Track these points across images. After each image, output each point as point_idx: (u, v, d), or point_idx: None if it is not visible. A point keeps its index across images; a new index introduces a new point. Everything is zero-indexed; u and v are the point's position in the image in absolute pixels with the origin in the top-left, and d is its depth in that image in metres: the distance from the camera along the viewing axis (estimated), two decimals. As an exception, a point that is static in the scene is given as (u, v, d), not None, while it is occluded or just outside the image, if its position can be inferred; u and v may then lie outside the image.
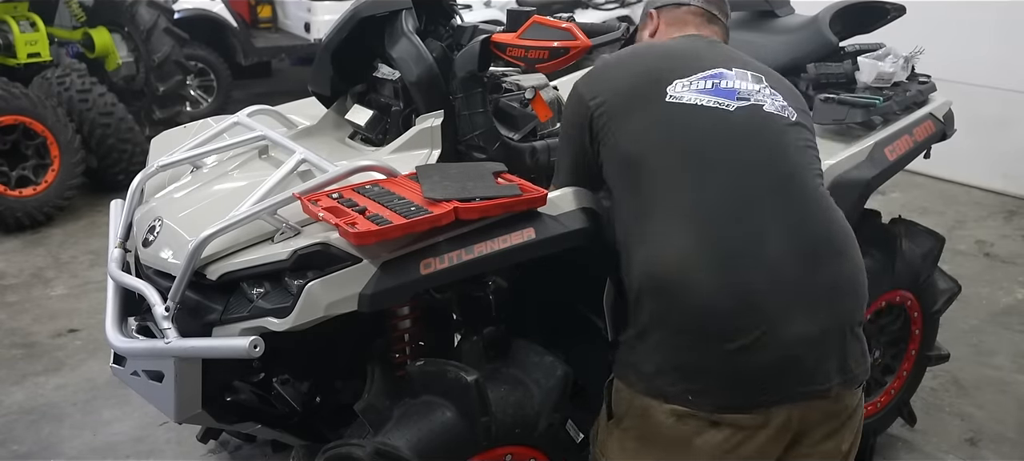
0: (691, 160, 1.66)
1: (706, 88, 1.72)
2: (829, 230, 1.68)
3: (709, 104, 1.70)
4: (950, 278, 2.88)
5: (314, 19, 7.68)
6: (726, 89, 1.72)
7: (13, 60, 5.74)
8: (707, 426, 1.58)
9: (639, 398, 1.64)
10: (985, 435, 3.07)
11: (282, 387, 2.28)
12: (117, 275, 2.05)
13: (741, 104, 1.72)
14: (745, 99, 1.72)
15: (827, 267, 1.63)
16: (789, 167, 1.69)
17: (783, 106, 1.76)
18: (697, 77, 1.74)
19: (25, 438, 3.07)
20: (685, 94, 1.71)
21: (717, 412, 1.56)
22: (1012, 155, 5.52)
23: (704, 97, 1.71)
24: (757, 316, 1.55)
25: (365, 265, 1.72)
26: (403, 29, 2.19)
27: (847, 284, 1.67)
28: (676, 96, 1.71)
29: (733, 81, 1.75)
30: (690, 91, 1.72)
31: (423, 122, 2.15)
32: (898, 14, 2.78)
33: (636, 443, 1.67)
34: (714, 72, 1.75)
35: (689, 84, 1.72)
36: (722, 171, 1.65)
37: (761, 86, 1.77)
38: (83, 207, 5.31)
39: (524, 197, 1.81)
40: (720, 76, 1.75)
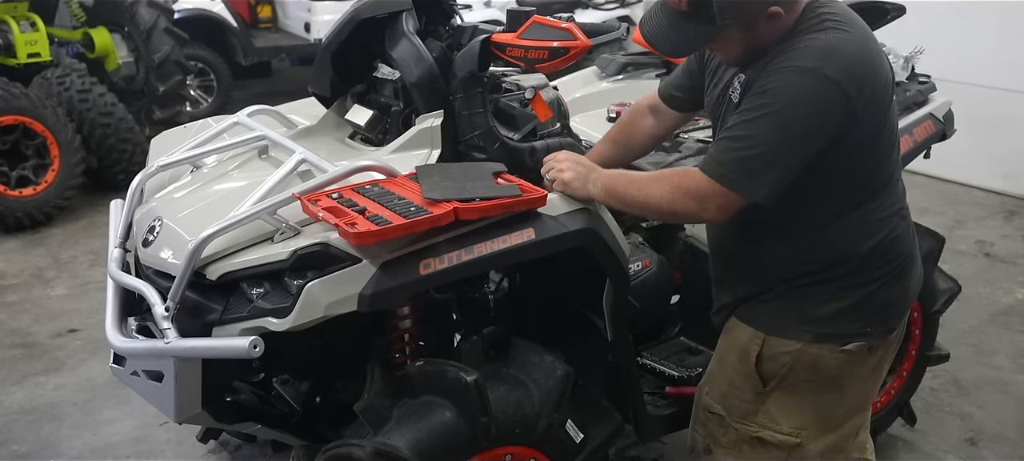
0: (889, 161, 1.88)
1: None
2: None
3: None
4: (950, 278, 2.88)
5: (314, 19, 7.69)
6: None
7: (13, 60, 5.74)
8: (866, 352, 1.92)
9: (809, 349, 1.89)
10: (985, 435, 3.07)
11: (282, 387, 2.28)
12: (117, 275, 2.05)
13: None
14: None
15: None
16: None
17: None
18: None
19: (25, 438, 3.07)
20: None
21: (887, 335, 1.94)
22: (1012, 155, 5.52)
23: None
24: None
25: (365, 265, 1.72)
26: (403, 30, 2.19)
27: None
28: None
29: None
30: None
31: (423, 122, 2.15)
32: (898, 14, 2.78)
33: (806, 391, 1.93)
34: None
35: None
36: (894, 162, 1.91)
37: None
38: (83, 207, 5.31)
39: (524, 197, 1.81)
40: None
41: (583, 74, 3.03)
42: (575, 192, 1.91)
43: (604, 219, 1.98)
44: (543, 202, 1.85)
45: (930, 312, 2.79)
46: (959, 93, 2.98)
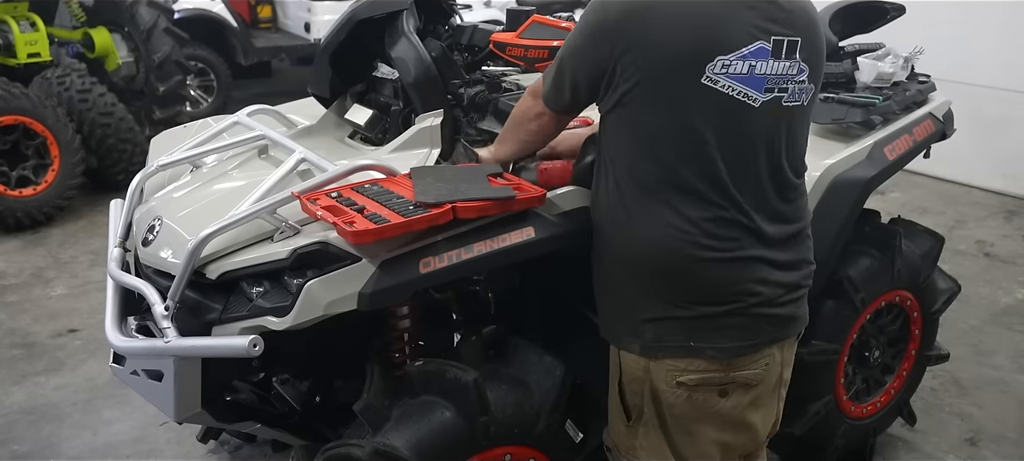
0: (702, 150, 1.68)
1: (741, 74, 1.67)
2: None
3: (737, 95, 1.68)
4: (950, 278, 2.88)
5: (314, 19, 7.69)
6: (759, 76, 1.69)
7: (13, 60, 5.74)
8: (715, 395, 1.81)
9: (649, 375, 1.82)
10: (985, 435, 3.07)
11: (282, 387, 2.29)
12: (117, 274, 2.05)
13: (766, 98, 1.70)
14: (771, 90, 1.71)
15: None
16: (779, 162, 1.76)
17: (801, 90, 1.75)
18: (737, 56, 1.66)
19: (25, 438, 3.07)
20: (721, 79, 1.66)
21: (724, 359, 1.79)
22: (1012, 155, 5.52)
23: (735, 86, 1.67)
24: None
25: (364, 264, 1.72)
26: (402, 29, 2.19)
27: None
28: (712, 79, 1.66)
29: (768, 63, 1.69)
30: (726, 76, 1.66)
31: (422, 121, 2.15)
32: (898, 14, 2.78)
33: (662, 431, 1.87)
34: (755, 48, 1.67)
35: (728, 65, 1.66)
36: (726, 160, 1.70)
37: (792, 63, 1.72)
38: (83, 207, 5.31)
39: (522, 197, 1.81)
40: (759, 55, 1.68)
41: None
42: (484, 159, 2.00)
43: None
44: (542, 202, 1.85)
45: (930, 312, 2.80)
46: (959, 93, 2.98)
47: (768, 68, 1.69)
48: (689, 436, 1.83)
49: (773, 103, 1.71)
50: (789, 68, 1.72)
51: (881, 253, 2.55)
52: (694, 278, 1.72)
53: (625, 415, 1.88)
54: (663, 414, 1.82)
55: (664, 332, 1.75)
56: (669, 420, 1.82)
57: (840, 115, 2.41)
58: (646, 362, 1.79)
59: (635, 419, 1.86)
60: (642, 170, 1.72)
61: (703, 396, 1.78)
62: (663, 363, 1.77)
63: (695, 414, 1.80)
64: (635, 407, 1.86)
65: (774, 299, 1.76)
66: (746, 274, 1.73)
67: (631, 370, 1.83)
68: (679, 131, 1.67)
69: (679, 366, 1.76)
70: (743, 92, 1.68)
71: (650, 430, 1.85)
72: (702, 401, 1.78)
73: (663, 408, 1.81)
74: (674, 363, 1.76)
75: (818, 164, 2.33)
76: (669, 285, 1.74)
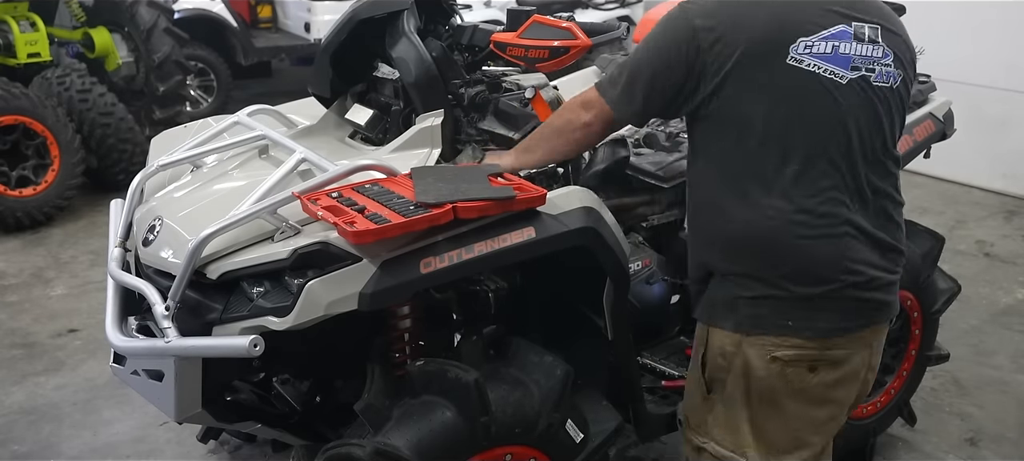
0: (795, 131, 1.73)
1: (825, 53, 1.72)
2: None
3: (824, 73, 1.72)
4: (950, 278, 2.88)
5: (314, 19, 7.68)
6: (844, 56, 1.73)
7: (13, 60, 5.74)
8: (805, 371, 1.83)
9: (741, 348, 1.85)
10: (985, 435, 3.07)
11: (282, 387, 2.28)
12: (117, 274, 2.05)
13: (853, 75, 1.74)
14: (858, 69, 1.74)
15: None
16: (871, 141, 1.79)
17: (889, 73, 1.79)
18: (819, 37, 1.72)
19: (25, 438, 3.07)
20: (805, 58, 1.71)
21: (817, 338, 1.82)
22: (1012, 155, 5.53)
23: (821, 64, 1.72)
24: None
25: (365, 264, 1.72)
26: (403, 29, 2.19)
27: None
28: (797, 58, 1.71)
29: (851, 44, 1.74)
30: (810, 55, 1.71)
31: (423, 121, 2.15)
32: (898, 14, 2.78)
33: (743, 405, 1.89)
34: (836, 31, 1.73)
35: (811, 46, 1.71)
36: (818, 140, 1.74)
37: (876, 46, 1.77)
38: (83, 207, 5.31)
39: (523, 197, 1.81)
40: (841, 36, 1.73)
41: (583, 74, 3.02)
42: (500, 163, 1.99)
43: (604, 218, 1.98)
44: (542, 201, 1.85)
45: (930, 312, 2.80)
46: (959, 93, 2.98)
47: (852, 49, 1.74)
48: (775, 410, 1.85)
49: (862, 81, 1.74)
50: (874, 51, 1.77)
51: (881, 253, 2.55)
52: (791, 259, 1.75)
53: (706, 388, 1.91)
54: (750, 388, 1.84)
55: (762, 312, 1.79)
56: (755, 394, 1.84)
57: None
58: (739, 337, 1.82)
59: (716, 392, 1.89)
60: (736, 159, 1.76)
61: (794, 371, 1.81)
62: (758, 340, 1.80)
63: (785, 388, 1.82)
64: (717, 381, 1.88)
65: (869, 282, 1.78)
66: (843, 254, 1.75)
67: (720, 345, 1.86)
68: (769, 115, 1.72)
69: (775, 342, 1.79)
70: (830, 70, 1.72)
71: (731, 404, 1.87)
72: (793, 376, 1.81)
73: (751, 382, 1.83)
74: (769, 339, 1.79)
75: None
76: (767, 266, 1.77)
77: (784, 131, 1.72)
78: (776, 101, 1.71)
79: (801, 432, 1.88)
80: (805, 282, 1.76)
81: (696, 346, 1.94)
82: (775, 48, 1.70)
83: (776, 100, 1.71)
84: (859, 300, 1.79)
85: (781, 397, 1.84)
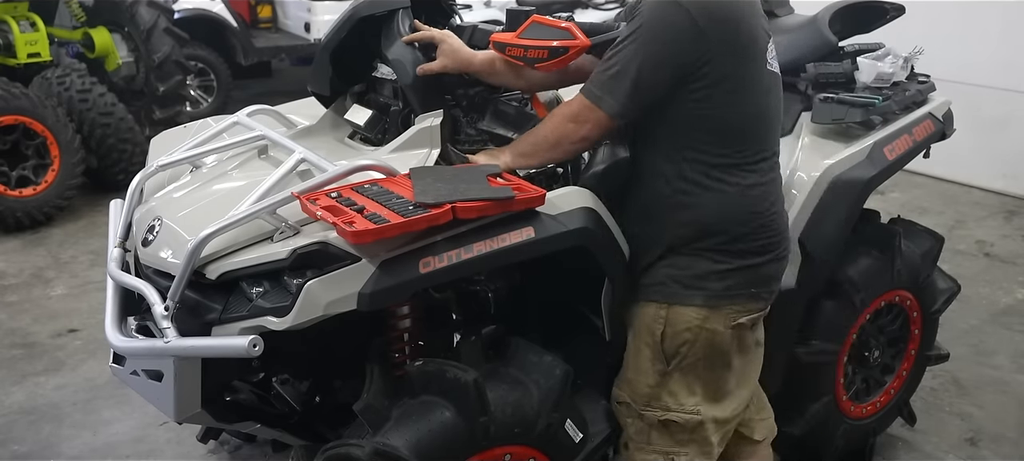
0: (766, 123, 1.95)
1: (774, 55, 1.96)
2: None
3: (776, 70, 1.97)
4: (950, 278, 2.88)
5: (314, 19, 7.69)
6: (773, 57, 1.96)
7: (13, 60, 5.74)
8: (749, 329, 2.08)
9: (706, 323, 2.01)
10: (985, 435, 3.07)
11: (281, 387, 2.28)
12: (117, 275, 2.05)
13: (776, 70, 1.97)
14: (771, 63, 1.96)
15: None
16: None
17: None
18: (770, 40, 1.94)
19: (25, 438, 3.07)
20: (772, 62, 1.94)
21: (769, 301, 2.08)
22: (1012, 155, 5.52)
23: (775, 66, 1.96)
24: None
25: (364, 264, 1.72)
26: (400, 30, 2.19)
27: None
28: (769, 62, 1.93)
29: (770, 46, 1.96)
30: (772, 57, 1.95)
31: (422, 122, 2.15)
32: (898, 14, 2.78)
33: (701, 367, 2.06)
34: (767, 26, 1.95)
35: (771, 49, 1.94)
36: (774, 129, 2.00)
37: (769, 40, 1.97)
38: (83, 207, 5.31)
39: (522, 197, 1.81)
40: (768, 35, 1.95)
41: (583, 74, 3.03)
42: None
43: (604, 218, 1.98)
44: (541, 201, 1.85)
45: (930, 312, 2.80)
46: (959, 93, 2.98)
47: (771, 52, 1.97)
48: (724, 366, 2.04)
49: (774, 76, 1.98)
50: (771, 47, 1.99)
51: (881, 253, 2.55)
52: (760, 233, 1.95)
53: (665, 362, 2.01)
54: (711, 355, 2.00)
55: (733, 283, 1.95)
56: (715, 356, 2.01)
57: (840, 115, 2.41)
58: (707, 312, 1.96)
59: (675, 364, 2.01)
60: (717, 151, 1.89)
61: (744, 330, 2.03)
62: (726, 309, 1.97)
63: (736, 346, 2.03)
64: (676, 354, 2.00)
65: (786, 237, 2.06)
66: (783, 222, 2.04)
67: (685, 319, 1.97)
68: (752, 113, 1.90)
69: (739, 309, 1.98)
70: (775, 67, 1.96)
71: (688, 372, 2.01)
72: (742, 334, 2.03)
73: (713, 349, 2.00)
74: (735, 308, 1.98)
75: (818, 164, 2.33)
76: (738, 240, 1.93)
77: (761, 126, 1.93)
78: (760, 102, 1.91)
79: (742, 378, 2.10)
80: (769, 249, 1.97)
81: (647, 325, 2.01)
82: (761, 51, 1.89)
83: (760, 101, 1.91)
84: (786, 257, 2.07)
85: (731, 355, 2.03)
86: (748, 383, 2.13)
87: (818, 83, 2.53)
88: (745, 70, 1.86)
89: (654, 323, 2.00)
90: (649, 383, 2.04)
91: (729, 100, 1.85)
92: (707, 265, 1.94)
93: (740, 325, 1.99)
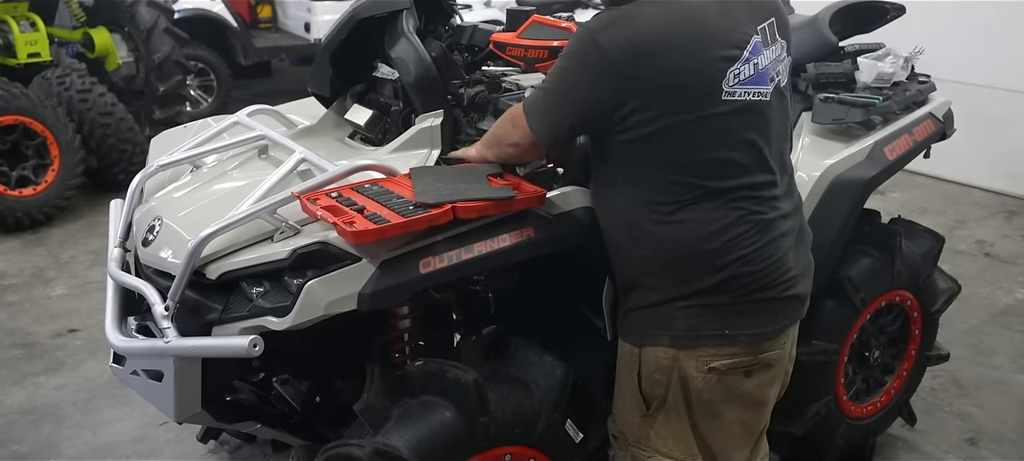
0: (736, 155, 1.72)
1: (751, 76, 1.70)
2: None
3: (755, 98, 1.72)
4: (950, 278, 2.88)
5: (314, 19, 7.68)
6: (762, 72, 1.73)
7: (13, 60, 5.74)
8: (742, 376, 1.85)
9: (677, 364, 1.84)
10: (985, 435, 3.07)
11: (282, 387, 2.28)
12: (117, 274, 2.05)
13: (771, 88, 1.75)
14: (773, 79, 1.76)
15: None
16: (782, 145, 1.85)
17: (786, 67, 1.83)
18: (742, 63, 1.68)
19: (25, 438, 3.07)
20: (738, 89, 1.69)
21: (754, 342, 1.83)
22: (1012, 155, 5.52)
23: (751, 89, 1.71)
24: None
25: (364, 264, 1.72)
26: (402, 29, 2.19)
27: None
28: (730, 92, 1.68)
29: (763, 54, 1.73)
30: (740, 84, 1.69)
31: (422, 122, 2.15)
32: (898, 14, 2.78)
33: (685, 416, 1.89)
34: (752, 46, 1.71)
35: (738, 74, 1.69)
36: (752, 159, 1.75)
37: (776, 45, 1.78)
38: (83, 207, 5.31)
39: (522, 197, 1.81)
40: (756, 51, 1.71)
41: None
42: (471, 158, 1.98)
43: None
44: (541, 202, 1.85)
45: (930, 312, 2.80)
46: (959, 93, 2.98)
47: (765, 59, 1.74)
48: (715, 418, 1.86)
49: (775, 91, 1.77)
50: (777, 52, 1.78)
51: (881, 253, 2.55)
52: (729, 270, 1.75)
53: (644, 405, 1.88)
54: (690, 400, 1.84)
55: (699, 322, 1.78)
56: (696, 405, 1.84)
57: (840, 115, 2.41)
58: (676, 352, 1.80)
59: (655, 408, 1.87)
60: (671, 187, 1.72)
61: (731, 378, 1.82)
62: (695, 352, 1.79)
63: (724, 395, 1.84)
64: (656, 396, 1.86)
65: (794, 280, 1.82)
66: (774, 258, 1.78)
67: (656, 361, 1.83)
68: (707, 150, 1.70)
69: (712, 353, 1.79)
70: (756, 92, 1.72)
71: (672, 416, 1.86)
72: (730, 383, 1.82)
73: (690, 394, 1.83)
74: (707, 350, 1.79)
75: (818, 164, 2.32)
76: (703, 278, 1.75)
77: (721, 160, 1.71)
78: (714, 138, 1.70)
79: (740, 433, 1.91)
80: (743, 289, 1.76)
81: (626, 365, 1.90)
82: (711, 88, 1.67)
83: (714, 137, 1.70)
84: (786, 298, 1.82)
85: (719, 405, 1.85)
86: (744, 441, 1.92)
87: (818, 83, 2.53)
88: (684, 108, 1.66)
89: (630, 363, 1.88)
90: (635, 422, 1.92)
91: (671, 138, 1.68)
92: (670, 304, 1.78)
93: (714, 369, 1.80)
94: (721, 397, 1.84)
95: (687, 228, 1.73)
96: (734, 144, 1.71)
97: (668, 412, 1.87)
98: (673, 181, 1.72)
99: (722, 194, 1.72)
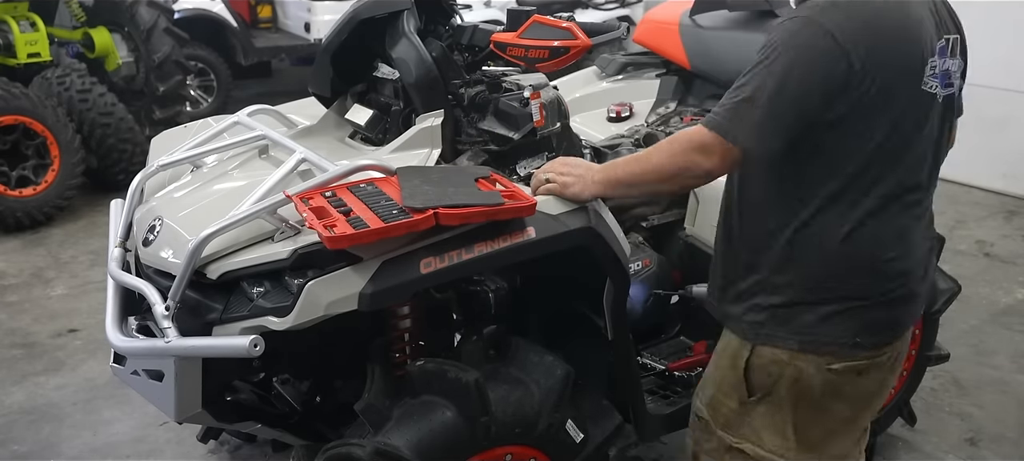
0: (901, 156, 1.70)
1: (939, 72, 1.69)
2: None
3: (935, 92, 1.69)
4: (950, 278, 2.88)
5: (314, 19, 7.69)
6: (943, 72, 1.70)
7: (13, 60, 5.74)
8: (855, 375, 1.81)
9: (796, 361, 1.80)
10: (985, 435, 3.07)
11: (282, 387, 2.28)
12: (117, 274, 2.05)
13: (945, 92, 1.72)
14: (949, 86, 1.73)
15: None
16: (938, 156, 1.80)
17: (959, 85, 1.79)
18: (936, 58, 1.67)
19: (25, 438, 3.07)
20: (930, 82, 1.67)
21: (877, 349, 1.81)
22: (1012, 155, 5.52)
23: (936, 84, 1.69)
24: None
25: (365, 264, 1.72)
26: (403, 30, 2.19)
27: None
28: (927, 84, 1.67)
29: (946, 61, 1.71)
30: (933, 77, 1.67)
31: (423, 122, 2.15)
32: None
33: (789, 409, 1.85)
34: (940, 46, 1.69)
35: (935, 66, 1.67)
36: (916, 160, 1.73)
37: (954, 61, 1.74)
38: (83, 207, 5.31)
39: (508, 206, 1.77)
40: (942, 52, 1.69)
41: (583, 74, 3.04)
42: (577, 195, 1.90)
43: (604, 218, 1.98)
44: (531, 211, 1.82)
45: (930, 312, 2.79)
46: (959, 93, 2.98)
47: (946, 64, 1.71)
48: (821, 413, 1.84)
49: (947, 98, 1.73)
50: (956, 65, 1.76)
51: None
52: (879, 276, 1.74)
53: (746, 392, 1.85)
54: (800, 394, 1.81)
55: (834, 329, 1.75)
56: (805, 399, 1.82)
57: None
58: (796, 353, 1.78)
59: (759, 398, 1.84)
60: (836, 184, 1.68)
61: (844, 377, 1.80)
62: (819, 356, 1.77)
63: (835, 393, 1.82)
64: (762, 386, 1.83)
65: (920, 280, 1.81)
66: (913, 265, 1.78)
67: (772, 356, 1.80)
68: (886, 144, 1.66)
69: (836, 356, 1.77)
70: (937, 89, 1.69)
71: (774, 408, 1.84)
72: (842, 381, 1.80)
73: (802, 389, 1.81)
74: (832, 355, 1.77)
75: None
76: (853, 284, 1.73)
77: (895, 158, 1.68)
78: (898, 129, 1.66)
79: (843, 428, 1.89)
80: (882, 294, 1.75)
81: (732, 355, 1.86)
82: (919, 69, 1.65)
83: (899, 128, 1.66)
84: (912, 299, 1.81)
85: (829, 401, 1.83)
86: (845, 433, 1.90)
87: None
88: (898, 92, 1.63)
89: (738, 354, 1.85)
90: (731, 407, 1.88)
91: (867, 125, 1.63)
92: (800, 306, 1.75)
93: (833, 370, 1.77)
94: (832, 393, 1.82)
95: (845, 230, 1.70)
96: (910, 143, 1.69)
97: (771, 404, 1.84)
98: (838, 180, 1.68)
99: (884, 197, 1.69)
